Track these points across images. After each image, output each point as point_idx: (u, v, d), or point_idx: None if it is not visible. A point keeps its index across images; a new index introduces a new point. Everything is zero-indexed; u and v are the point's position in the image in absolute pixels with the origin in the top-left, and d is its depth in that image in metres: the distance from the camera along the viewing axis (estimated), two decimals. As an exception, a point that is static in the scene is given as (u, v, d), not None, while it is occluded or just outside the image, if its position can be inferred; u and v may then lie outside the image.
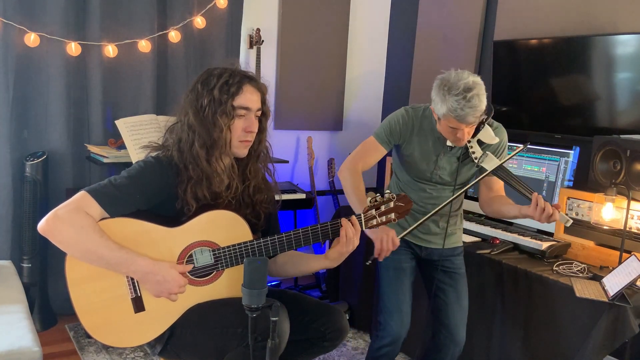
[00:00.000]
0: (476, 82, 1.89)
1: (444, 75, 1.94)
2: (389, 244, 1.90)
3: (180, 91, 3.24)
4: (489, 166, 2.03)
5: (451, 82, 1.89)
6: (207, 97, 1.64)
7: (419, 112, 2.14)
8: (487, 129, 2.03)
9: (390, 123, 2.14)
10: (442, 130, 2.02)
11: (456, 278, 2.20)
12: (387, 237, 1.90)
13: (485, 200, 2.21)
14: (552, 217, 1.90)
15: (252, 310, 1.40)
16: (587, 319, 2.02)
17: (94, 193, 1.57)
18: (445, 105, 1.89)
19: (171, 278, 1.60)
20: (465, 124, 1.91)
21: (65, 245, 1.55)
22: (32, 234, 2.83)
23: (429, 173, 2.13)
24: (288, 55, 3.75)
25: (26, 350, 1.75)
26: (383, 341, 2.18)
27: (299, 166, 3.94)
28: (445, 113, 1.90)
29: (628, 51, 2.56)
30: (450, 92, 1.87)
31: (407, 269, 2.21)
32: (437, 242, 2.21)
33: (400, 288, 2.18)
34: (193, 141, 1.65)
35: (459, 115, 1.87)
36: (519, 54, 3.05)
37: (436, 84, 1.95)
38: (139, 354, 2.71)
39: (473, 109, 1.86)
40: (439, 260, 2.20)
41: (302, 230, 1.70)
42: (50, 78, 2.92)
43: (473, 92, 1.86)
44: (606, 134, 2.44)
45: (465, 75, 1.90)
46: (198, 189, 1.65)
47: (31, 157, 2.85)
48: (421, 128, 2.12)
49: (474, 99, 1.86)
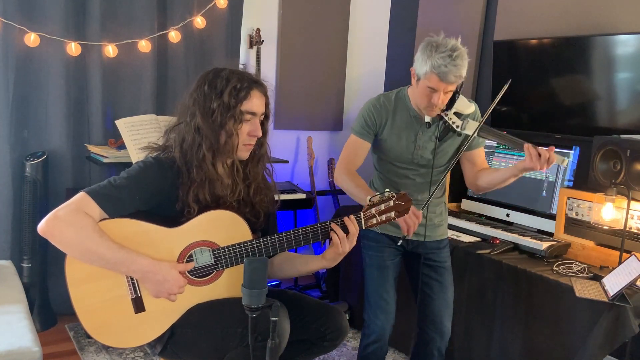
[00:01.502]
0: (463, 48, 1.94)
1: (431, 37, 1.98)
2: (412, 219, 1.90)
3: (180, 91, 3.24)
4: (472, 131, 2.02)
5: (439, 42, 1.94)
6: (216, 101, 1.64)
7: (391, 95, 2.17)
8: (462, 99, 2.05)
9: (363, 114, 2.15)
10: (418, 95, 2.03)
11: (441, 272, 2.21)
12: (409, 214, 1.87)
13: (473, 177, 2.20)
14: (550, 159, 1.89)
15: (252, 310, 1.40)
16: (587, 319, 2.02)
17: (93, 194, 1.57)
18: (429, 61, 1.92)
19: (171, 278, 1.61)
20: (445, 83, 1.93)
21: (65, 246, 1.55)
22: (32, 234, 2.83)
23: (410, 154, 2.13)
24: (288, 55, 3.74)
25: (26, 350, 1.75)
26: (369, 339, 2.21)
27: (299, 166, 3.94)
28: (428, 70, 1.93)
29: (628, 51, 2.55)
30: (438, 49, 1.91)
31: (390, 266, 2.22)
32: (422, 234, 2.21)
33: (384, 286, 2.19)
34: (200, 144, 1.65)
35: (442, 72, 1.90)
36: (519, 54, 3.05)
37: (422, 45, 1.98)
38: (139, 354, 2.71)
39: (457, 68, 1.90)
40: (425, 253, 2.21)
41: (302, 230, 1.70)
42: (50, 78, 2.92)
43: (459, 52, 1.91)
44: (606, 134, 2.44)
45: (453, 40, 1.95)
46: (200, 191, 1.65)
47: (31, 157, 2.85)
48: (396, 109, 2.13)
49: (458, 59, 1.90)
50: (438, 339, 2.20)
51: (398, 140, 2.13)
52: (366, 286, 2.24)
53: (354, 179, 2.11)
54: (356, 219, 1.71)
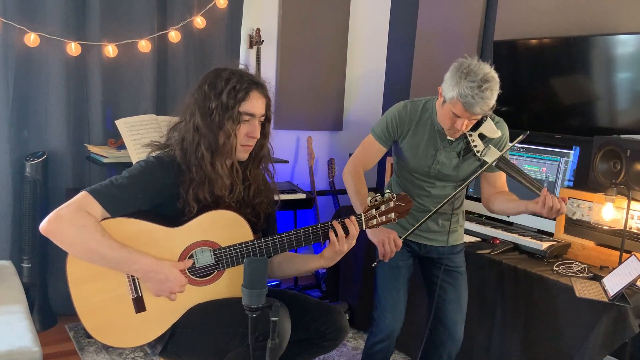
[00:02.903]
0: (494, 78, 1.86)
1: (465, 60, 1.89)
2: (392, 246, 1.91)
3: (180, 91, 3.24)
4: (491, 159, 1.99)
5: (471, 68, 1.85)
6: (215, 101, 1.64)
7: (418, 105, 2.12)
8: (489, 122, 1.99)
9: (387, 119, 2.12)
10: (441, 115, 1.99)
11: (455, 276, 2.20)
12: (389, 239, 1.91)
13: (488, 198, 2.17)
14: (560, 210, 1.86)
15: (252, 310, 1.40)
16: (587, 319, 2.02)
17: (95, 193, 1.57)
18: (457, 88, 1.84)
19: (173, 277, 1.61)
20: (469, 114, 1.87)
21: (67, 245, 1.55)
22: (32, 234, 2.83)
23: (427, 167, 2.10)
24: (288, 55, 3.74)
25: (26, 350, 1.75)
26: (377, 337, 2.20)
27: (299, 166, 3.94)
28: (455, 97, 1.86)
29: (628, 51, 2.55)
30: (468, 77, 1.83)
31: (402, 267, 2.21)
32: (436, 240, 2.20)
33: (395, 286, 2.19)
34: (198, 143, 1.65)
35: (468, 102, 1.83)
36: (519, 54, 3.05)
37: (454, 66, 1.90)
38: (139, 354, 2.71)
39: (484, 101, 1.83)
40: (438, 258, 2.20)
41: (303, 230, 1.70)
42: (50, 78, 2.92)
43: (489, 85, 1.83)
44: (606, 134, 2.44)
45: (488, 68, 1.87)
46: (199, 190, 1.65)
47: (31, 157, 2.85)
48: (420, 121, 2.10)
49: (488, 92, 1.83)
50: (449, 344, 2.18)
51: (417, 152, 2.10)
52: (377, 285, 2.23)
53: (357, 183, 2.10)
54: (357, 220, 1.71)
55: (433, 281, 2.21)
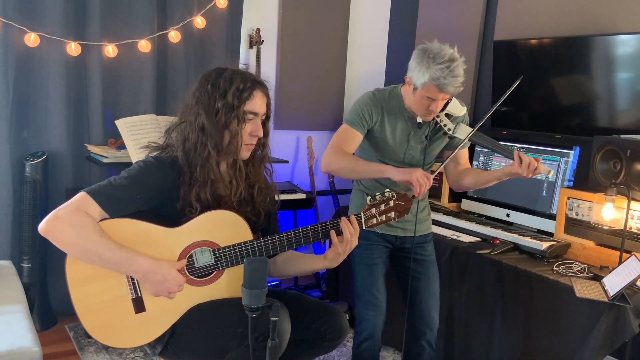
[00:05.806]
0: (458, 56, 1.93)
1: (425, 45, 1.96)
2: (424, 180, 1.86)
3: (180, 91, 3.24)
4: (463, 135, 2.04)
5: (435, 52, 1.91)
6: (220, 101, 1.64)
7: (385, 93, 2.16)
8: (454, 101, 2.06)
9: (360, 106, 2.13)
10: (414, 103, 2.03)
11: (426, 265, 2.24)
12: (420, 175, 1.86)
13: (457, 175, 2.22)
14: (537, 169, 1.93)
15: (252, 310, 1.40)
16: (587, 319, 2.02)
17: (93, 194, 1.57)
18: (428, 72, 1.91)
19: (171, 277, 1.61)
20: (444, 94, 1.94)
21: (65, 246, 1.55)
22: (32, 234, 2.83)
23: (402, 153, 2.15)
24: (288, 55, 3.74)
25: (26, 350, 1.75)
26: (361, 336, 2.23)
27: (299, 166, 3.94)
28: (427, 81, 1.92)
29: (628, 51, 2.55)
30: (435, 60, 1.90)
31: (379, 264, 2.24)
32: (410, 229, 2.23)
33: (374, 283, 2.21)
34: (204, 143, 1.65)
35: (442, 83, 1.89)
36: (519, 54, 3.05)
37: (417, 53, 1.97)
38: (139, 354, 2.71)
39: (456, 79, 1.90)
40: (411, 247, 2.22)
41: (302, 230, 1.70)
42: (50, 78, 2.91)
43: (457, 63, 1.90)
44: (606, 134, 2.44)
45: (449, 49, 1.94)
46: (202, 191, 1.66)
47: (31, 157, 2.85)
48: (389, 108, 2.13)
49: (457, 70, 1.90)
50: (428, 332, 2.22)
51: (392, 139, 2.13)
52: (355, 284, 2.26)
53: (346, 155, 2.05)
54: (357, 219, 1.71)
55: (405, 273, 2.24)
